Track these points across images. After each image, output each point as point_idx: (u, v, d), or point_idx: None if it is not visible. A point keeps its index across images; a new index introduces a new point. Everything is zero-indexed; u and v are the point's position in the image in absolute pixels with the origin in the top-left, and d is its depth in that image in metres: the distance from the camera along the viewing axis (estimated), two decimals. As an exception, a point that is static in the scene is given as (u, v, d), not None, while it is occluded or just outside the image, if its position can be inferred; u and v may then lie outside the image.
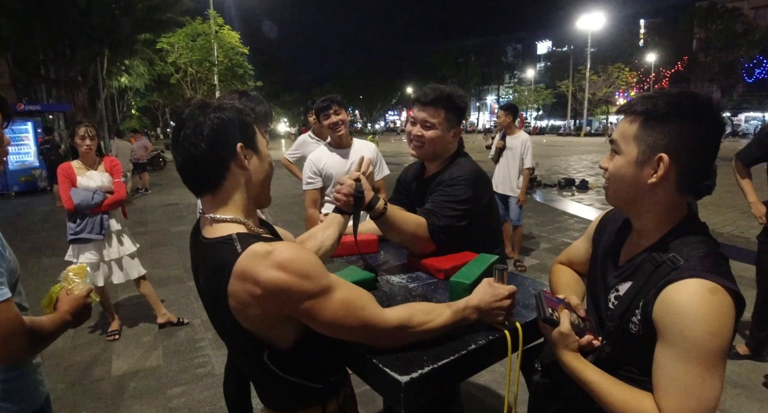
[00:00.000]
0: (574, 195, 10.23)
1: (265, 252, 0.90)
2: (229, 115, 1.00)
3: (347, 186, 1.45)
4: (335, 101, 2.78)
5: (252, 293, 0.90)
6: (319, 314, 0.93)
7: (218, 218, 1.00)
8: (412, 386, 0.94)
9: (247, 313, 0.93)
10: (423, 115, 1.69)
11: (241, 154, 1.00)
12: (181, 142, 0.98)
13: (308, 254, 0.95)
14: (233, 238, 0.95)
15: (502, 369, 2.99)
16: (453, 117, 1.71)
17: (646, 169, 0.94)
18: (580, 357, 1.01)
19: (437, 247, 1.59)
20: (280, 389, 1.07)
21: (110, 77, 22.57)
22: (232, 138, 0.99)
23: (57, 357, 3.29)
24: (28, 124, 12.16)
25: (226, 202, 1.02)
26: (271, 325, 0.96)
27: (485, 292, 1.11)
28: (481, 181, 1.69)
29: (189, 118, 0.98)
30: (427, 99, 1.67)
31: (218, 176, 1.00)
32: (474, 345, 1.07)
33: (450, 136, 1.72)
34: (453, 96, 1.69)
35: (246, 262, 0.90)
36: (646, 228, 1.01)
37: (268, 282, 0.88)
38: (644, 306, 0.93)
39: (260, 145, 1.07)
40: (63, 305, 1.26)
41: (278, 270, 0.88)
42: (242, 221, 1.02)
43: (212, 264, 0.97)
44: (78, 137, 3.27)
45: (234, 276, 0.90)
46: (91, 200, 3.24)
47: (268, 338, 0.98)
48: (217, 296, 0.95)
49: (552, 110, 66.13)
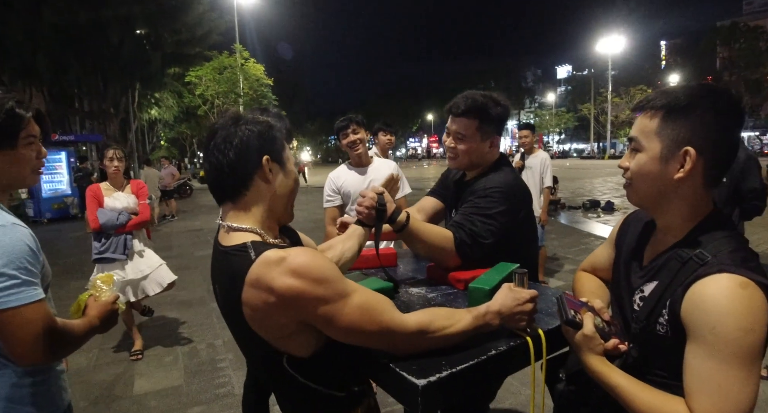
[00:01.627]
0: (600, 216, 10.02)
1: (278, 258, 0.89)
2: (260, 128, 1.01)
3: (369, 198, 1.43)
4: (354, 120, 2.83)
5: (266, 301, 0.89)
6: (337, 320, 0.91)
7: (235, 227, 1.00)
8: (429, 390, 0.91)
9: (263, 322, 0.92)
10: (455, 127, 1.64)
11: (267, 167, 1.00)
12: (211, 150, 1.00)
13: (323, 259, 0.94)
14: (247, 246, 0.94)
15: (528, 392, 2.89)
16: (488, 127, 1.62)
17: (672, 164, 0.91)
18: (606, 361, 0.97)
19: (465, 262, 1.51)
20: (300, 397, 1.04)
21: (141, 110, 23.52)
22: (260, 150, 1.00)
23: (81, 375, 3.34)
24: (62, 153, 12.68)
25: (245, 213, 1.02)
26: (288, 334, 0.95)
27: (506, 297, 1.08)
28: (517, 195, 1.61)
29: (221, 127, 1.01)
30: (459, 110, 1.61)
31: (241, 186, 1.00)
32: (494, 351, 1.03)
33: (486, 147, 1.65)
34: (487, 106, 1.59)
35: (259, 269, 0.89)
36: (671, 226, 0.98)
37: (282, 289, 0.87)
38: (671, 305, 0.89)
39: (287, 161, 1.07)
40: (91, 310, 1.30)
41: (292, 276, 0.87)
42: (258, 232, 1.01)
43: (227, 272, 0.97)
44: (107, 159, 3.40)
45: (248, 284, 0.90)
46: (116, 220, 3.34)
47: (286, 348, 0.97)
48: (232, 305, 0.94)
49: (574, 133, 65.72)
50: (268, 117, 1.05)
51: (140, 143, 26.43)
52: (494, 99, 1.62)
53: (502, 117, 1.63)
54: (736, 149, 0.91)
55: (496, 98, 1.62)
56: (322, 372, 1.02)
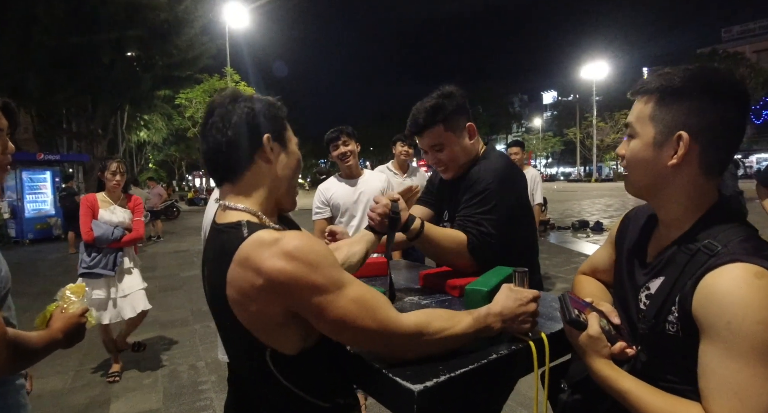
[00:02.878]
0: (589, 236, 10.03)
1: (272, 239, 0.82)
2: (260, 106, 0.97)
3: (382, 205, 1.36)
4: (344, 132, 2.78)
5: (253, 283, 0.81)
6: (329, 311, 0.83)
7: (232, 206, 0.94)
8: (426, 396, 0.82)
9: (246, 307, 0.84)
10: (426, 142, 1.60)
11: (268, 146, 0.95)
12: (209, 129, 0.95)
13: (321, 245, 0.87)
14: (242, 224, 0.88)
15: (530, 394, 2.78)
16: (455, 121, 1.55)
17: (666, 150, 0.86)
18: (613, 365, 0.89)
19: (479, 263, 1.45)
20: (281, 403, 0.95)
21: (130, 131, 23.38)
22: (260, 128, 0.95)
23: (55, 398, 3.17)
24: (47, 173, 12.47)
25: (244, 193, 0.96)
26: (274, 325, 0.86)
27: (507, 297, 1.01)
28: (512, 181, 1.54)
29: (218, 105, 0.96)
30: (418, 127, 1.56)
31: (241, 166, 0.95)
32: (495, 355, 0.96)
33: (466, 139, 1.59)
34: (439, 106, 1.53)
35: (250, 248, 0.82)
36: (673, 218, 0.92)
37: (271, 271, 0.80)
38: (681, 301, 0.82)
39: (290, 142, 1.03)
40: (55, 323, 1.20)
41: (284, 259, 0.80)
42: (256, 213, 0.95)
43: (216, 249, 0.90)
44: (109, 172, 3.30)
45: (235, 262, 0.83)
46: (111, 235, 3.22)
47: (270, 341, 0.88)
48: (216, 285, 0.87)
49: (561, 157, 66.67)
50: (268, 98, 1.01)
51: (128, 165, 26.19)
52: (441, 94, 1.55)
53: (460, 104, 1.56)
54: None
55: (443, 92, 1.55)
56: (307, 376, 0.93)
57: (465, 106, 1.59)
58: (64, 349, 1.24)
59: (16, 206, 11.77)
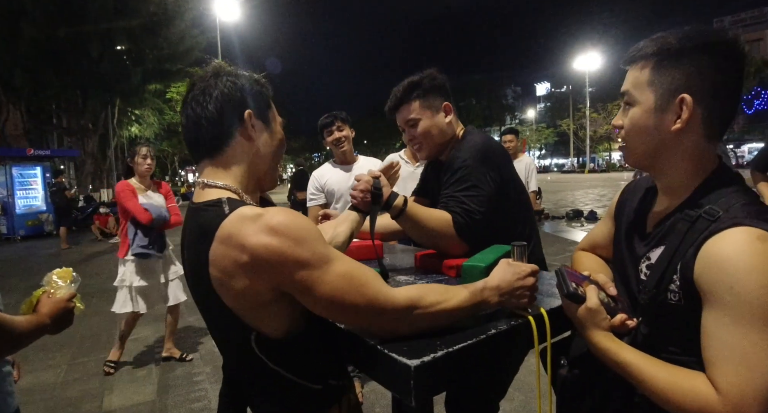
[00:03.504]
0: (583, 225, 10.06)
1: (255, 215, 0.80)
2: (243, 81, 0.94)
3: (364, 182, 1.34)
4: (338, 117, 2.75)
5: (237, 260, 0.78)
6: (317, 287, 0.80)
7: (210, 183, 0.91)
8: (423, 372, 0.79)
9: (231, 286, 0.81)
10: (402, 118, 1.59)
11: (249, 123, 0.93)
12: (189, 102, 0.92)
13: (305, 220, 0.84)
14: (222, 201, 0.85)
15: (522, 398, 2.77)
16: (432, 99, 1.54)
17: (668, 115, 0.84)
18: (613, 337, 0.87)
19: (469, 244, 1.40)
20: (271, 388, 0.93)
21: (121, 127, 23.13)
22: (243, 103, 0.93)
23: (46, 391, 3.13)
24: (37, 168, 12.33)
25: (224, 170, 0.94)
26: (258, 305, 0.83)
27: (504, 271, 0.98)
28: (491, 156, 1.49)
29: (201, 80, 0.94)
30: (395, 101, 1.56)
31: (220, 141, 0.92)
32: (495, 330, 0.93)
33: (442, 118, 1.56)
34: (413, 83, 1.53)
35: (232, 225, 0.80)
36: (674, 186, 0.89)
37: (256, 247, 0.77)
38: (683, 268, 0.80)
39: (273, 121, 1.00)
40: (42, 307, 1.17)
41: (269, 234, 0.78)
42: (236, 191, 0.92)
43: (196, 228, 0.86)
44: (140, 156, 3.28)
45: (217, 240, 0.80)
46: (164, 215, 3.23)
47: (256, 322, 0.85)
48: (198, 266, 0.83)
49: (554, 149, 66.89)
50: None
51: (120, 161, 26.00)
52: (424, 74, 1.55)
53: (438, 83, 1.55)
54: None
55: (423, 72, 1.55)
56: (296, 358, 0.90)
57: (444, 86, 1.58)
58: (51, 335, 1.21)
59: (6, 202, 11.64)
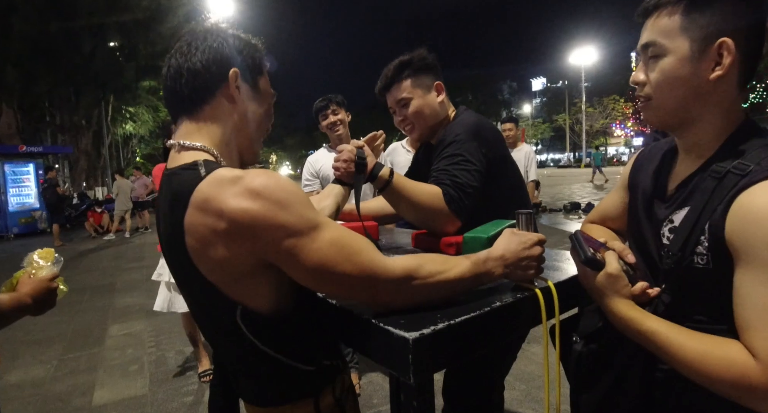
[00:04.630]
0: (581, 217, 10.01)
1: (234, 177, 0.72)
2: (237, 42, 0.87)
3: (347, 152, 1.27)
4: (333, 101, 2.66)
5: (214, 228, 0.71)
6: (304, 255, 0.73)
7: (187, 145, 0.83)
8: (422, 346, 0.72)
9: (209, 256, 0.73)
10: (392, 98, 1.52)
11: (233, 83, 0.85)
12: (173, 54, 0.85)
13: (289, 182, 0.75)
14: (198, 163, 0.77)
15: (523, 387, 2.71)
16: (422, 78, 1.49)
17: (705, 62, 0.76)
18: (635, 305, 0.79)
19: (460, 222, 1.31)
20: (260, 371, 0.85)
21: (115, 125, 22.94)
22: (229, 61, 0.85)
23: (37, 387, 3.06)
24: (30, 165, 12.17)
25: (201, 130, 0.85)
26: (241, 276, 0.76)
27: (509, 240, 0.90)
28: (483, 132, 1.42)
29: (189, 33, 0.86)
30: (386, 81, 1.51)
31: (200, 96, 0.84)
32: (499, 303, 0.86)
33: (434, 97, 1.51)
34: (404, 62, 1.48)
35: (209, 189, 0.72)
36: (700, 143, 0.82)
37: (235, 212, 0.69)
38: (711, 228, 0.73)
39: (262, 85, 0.92)
40: (23, 287, 1.13)
41: (249, 198, 0.70)
42: (214, 153, 0.84)
43: (169, 194, 0.78)
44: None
45: (192, 206, 0.72)
46: None
47: (239, 295, 0.78)
48: (173, 236, 0.75)
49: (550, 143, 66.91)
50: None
51: (114, 158, 25.78)
52: (413, 54, 1.50)
53: (428, 62, 1.50)
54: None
55: (413, 52, 1.50)
56: (285, 337, 0.83)
57: (435, 65, 1.53)
58: (33, 316, 1.16)
59: (-2, 199, 11.51)
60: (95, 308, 4.84)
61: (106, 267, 7.07)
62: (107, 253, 8.65)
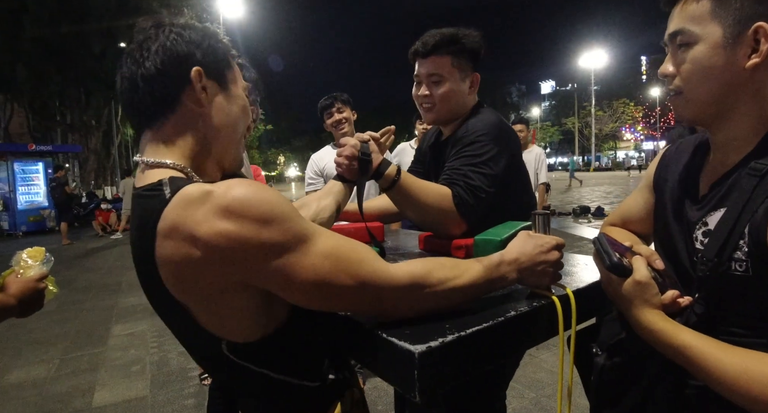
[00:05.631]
0: (591, 222, 9.89)
1: (202, 194, 0.62)
2: (192, 34, 0.75)
3: (350, 147, 1.17)
4: (339, 99, 2.61)
5: (188, 257, 0.61)
6: (296, 275, 0.64)
7: (152, 162, 0.72)
8: (429, 360, 0.65)
9: (188, 288, 0.65)
10: (426, 69, 1.38)
11: (198, 84, 0.74)
12: (124, 60, 0.74)
13: (269, 192, 0.65)
14: (163, 183, 0.67)
15: (531, 395, 2.63)
16: (464, 62, 1.38)
17: (740, 49, 0.69)
18: (666, 316, 0.72)
19: (468, 226, 1.25)
20: (260, 391, 0.77)
21: (125, 124, 23.12)
22: (189, 59, 0.73)
23: (37, 387, 3.02)
24: (39, 164, 12.25)
25: (168, 144, 0.75)
26: (224, 306, 0.67)
27: (525, 243, 0.83)
28: (504, 135, 1.34)
29: (139, 31, 0.76)
30: (427, 48, 1.35)
31: (162, 106, 0.74)
32: (514, 312, 0.79)
33: (466, 88, 1.41)
34: (458, 36, 1.34)
35: (175, 212, 0.62)
36: (737, 136, 0.75)
37: (209, 237, 0.60)
38: (753, 231, 0.66)
39: (231, 83, 0.81)
40: (9, 288, 1.08)
41: (223, 217, 0.60)
42: (184, 170, 0.73)
43: (136, 222, 0.69)
44: None
45: (161, 235, 0.63)
46: None
47: (222, 330, 0.70)
48: (146, 267, 0.67)
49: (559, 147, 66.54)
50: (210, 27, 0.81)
51: (124, 158, 25.98)
52: (464, 30, 1.37)
53: (477, 49, 1.39)
54: None
55: (464, 30, 1.37)
56: (282, 356, 0.75)
57: (479, 53, 1.41)
58: (18, 318, 1.12)
59: (8, 198, 11.59)
60: (99, 307, 4.82)
61: (112, 267, 7.06)
62: (114, 252, 8.65)
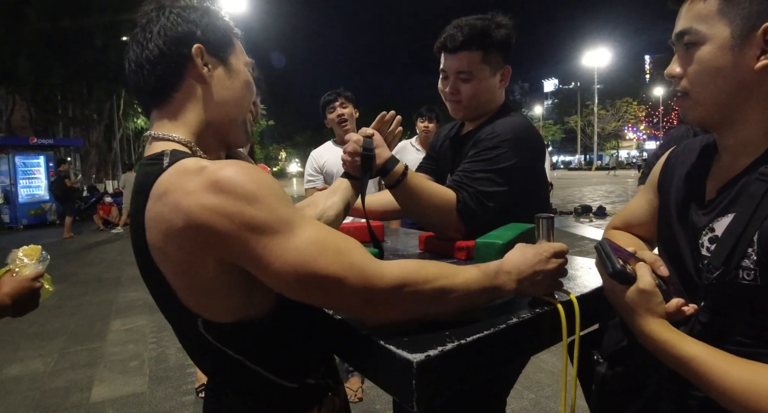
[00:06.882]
0: (592, 221, 9.87)
1: (198, 167, 0.64)
2: (193, 14, 0.77)
3: (353, 142, 1.13)
4: (342, 94, 2.59)
5: (170, 224, 0.62)
6: (276, 257, 0.62)
7: (159, 135, 0.75)
8: (428, 369, 0.63)
9: (168, 256, 0.66)
10: (455, 65, 1.31)
11: (199, 60, 0.76)
12: (130, 44, 0.77)
13: (264, 175, 0.66)
14: (164, 154, 0.70)
15: (531, 396, 2.61)
16: (495, 55, 1.30)
17: (748, 50, 0.67)
18: (671, 327, 0.70)
19: (468, 230, 1.21)
20: (236, 381, 0.76)
21: (127, 119, 23.11)
22: (189, 37, 0.76)
23: (35, 381, 3.01)
24: (41, 157, 12.24)
25: (173, 120, 0.77)
26: (201, 282, 0.67)
27: (524, 252, 0.80)
28: (528, 146, 1.27)
29: (142, 14, 0.78)
30: (457, 42, 1.27)
31: (166, 85, 0.76)
32: (515, 319, 0.77)
33: (496, 82, 1.34)
34: (488, 29, 1.26)
35: (170, 179, 0.65)
36: (746, 141, 0.73)
37: (192, 208, 0.61)
38: (762, 238, 0.64)
39: (233, 58, 0.82)
40: (3, 287, 1.07)
41: (211, 191, 0.61)
42: (188, 144, 0.76)
43: (136, 187, 0.71)
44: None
45: (152, 199, 0.65)
46: None
47: (198, 306, 0.69)
48: (137, 231, 0.69)
49: (561, 145, 66.43)
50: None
51: (125, 152, 25.98)
52: (495, 20, 1.29)
53: (507, 40, 1.30)
54: None
55: (497, 19, 1.29)
56: (262, 346, 0.74)
57: (510, 43, 1.32)
58: (13, 317, 1.11)
59: (9, 191, 11.58)
60: (99, 302, 4.81)
61: (112, 261, 7.06)
62: (114, 246, 8.66)
